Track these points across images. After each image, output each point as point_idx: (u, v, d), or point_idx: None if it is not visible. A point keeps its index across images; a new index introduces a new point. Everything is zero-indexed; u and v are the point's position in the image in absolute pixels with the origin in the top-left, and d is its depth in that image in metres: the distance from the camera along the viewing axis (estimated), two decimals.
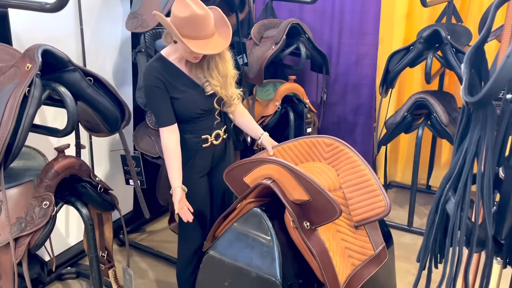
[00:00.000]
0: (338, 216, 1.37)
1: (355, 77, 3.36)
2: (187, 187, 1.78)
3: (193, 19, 1.58)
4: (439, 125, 2.60)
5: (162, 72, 1.72)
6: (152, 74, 1.72)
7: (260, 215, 1.42)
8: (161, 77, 1.71)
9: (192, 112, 1.77)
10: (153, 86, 1.71)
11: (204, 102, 1.79)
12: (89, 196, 1.72)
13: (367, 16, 3.19)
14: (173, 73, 1.74)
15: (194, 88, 1.77)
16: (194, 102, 1.76)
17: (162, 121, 1.75)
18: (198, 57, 1.70)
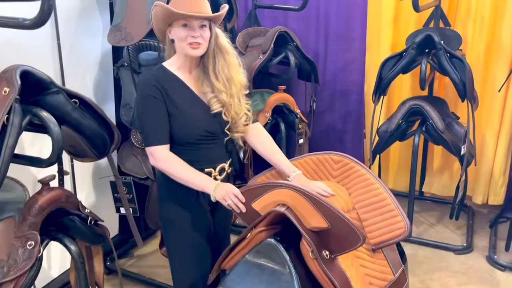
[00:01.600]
0: (362, 243, 1.26)
1: (343, 84, 3.28)
2: (185, 218, 1.59)
3: None
4: (435, 132, 2.54)
5: (160, 81, 1.50)
6: (147, 82, 1.50)
7: (275, 246, 1.29)
8: (159, 86, 1.49)
9: (194, 134, 1.53)
10: (148, 95, 1.48)
11: (209, 122, 1.55)
12: (78, 230, 1.56)
13: (353, 22, 3.12)
14: (173, 84, 1.52)
15: (198, 104, 1.55)
16: (197, 121, 1.53)
17: (153, 137, 1.49)
18: (195, 42, 1.45)
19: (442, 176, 3.24)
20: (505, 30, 2.74)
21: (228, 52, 1.56)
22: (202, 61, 1.55)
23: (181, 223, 1.61)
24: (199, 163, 1.55)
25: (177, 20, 1.46)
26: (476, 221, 3.01)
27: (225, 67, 1.55)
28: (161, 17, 1.48)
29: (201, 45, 1.48)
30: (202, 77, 1.57)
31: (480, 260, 2.60)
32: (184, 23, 1.46)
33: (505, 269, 2.49)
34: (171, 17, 1.46)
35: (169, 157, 1.50)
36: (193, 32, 1.46)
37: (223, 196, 1.45)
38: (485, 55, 2.87)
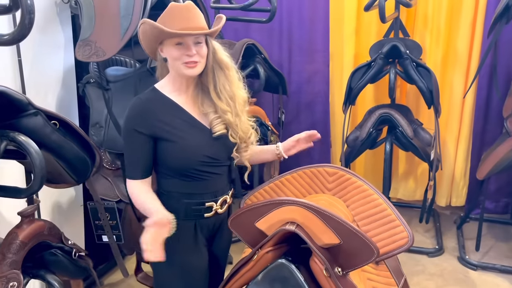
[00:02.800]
0: (376, 257, 1.23)
1: (308, 95, 3.31)
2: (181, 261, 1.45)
3: (173, 10, 1.35)
4: (405, 139, 2.60)
5: (150, 107, 1.38)
6: (135, 111, 1.38)
7: (287, 266, 1.23)
8: (147, 114, 1.37)
9: (193, 161, 1.39)
10: (132, 130, 1.36)
11: (211, 147, 1.42)
12: (60, 265, 1.42)
13: (316, 34, 3.17)
14: (167, 109, 1.40)
15: (197, 128, 1.42)
16: (195, 146, 1.40)
17: (129, 171, 1.41)
18: (190, 61, 1.35)
19: (407, 181, 3.33)
20: (461, 39, 2.88)
21: (228, 67, 1.45)
22: (200, 79, 1.44)
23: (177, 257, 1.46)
24: (200, 196, 1.44)
25: (169, 38, 1.35)
26: (441, 223, 3.12)
27: (226, 84, 1.44)
28: (150, 35, 1.37)
29: (198, 63, 1.36)
30: (201, 97, 1.45)
31: (453, 261, 2.69)
32: (178, 41, 1.35)
33: (477, 268, 2.59)
34: (161, 36, 1.35)
35: (135, 190, 1.40)
36: (188, 50, 1.35)
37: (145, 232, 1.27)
38: (442, 64, 3.01)
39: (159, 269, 1.50)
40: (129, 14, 1.81)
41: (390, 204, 1.50)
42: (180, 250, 1.45)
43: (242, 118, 1.48)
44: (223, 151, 1.47)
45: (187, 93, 1.45)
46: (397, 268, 1.54)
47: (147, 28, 1.36)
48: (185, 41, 1.35)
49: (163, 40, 1.37)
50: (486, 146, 2.98)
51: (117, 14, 1.86)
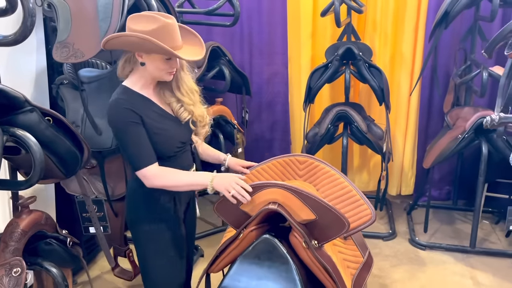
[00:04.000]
0: (348, 228, 1.42)
1: (269, 96, 3.50)
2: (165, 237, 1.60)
3: (166, 27, 1.43)
4: (360, 133, 2.84)
5: (132, 104, 1.49)
6: (122, 108, 1.47)
7: (272, 241, 1.40)
8: (134, 109, 1.48)
9: (173, 147, 1.56)
10: (128, 122, 1.46)
11: (181, 133, 1.60)
12: (55, 254, 1.50)
13: (275, 37, 3.37)
14: (144, 104, 1.53)
15: (169, 119, 1.58)
16: (173, 134, 1.57)
17: (143, 159, 1.48)
18: (173, 71, 1.52)
19: (361, 174, 3.60)
20: (406, 42, 3.18)
21: (184, 66, 1.61)
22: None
23: (161, 238, 1.61)
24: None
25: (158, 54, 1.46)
26: (393, 210, 3.40)
27: (185, 79, 1.60)
28: (141, 48, 1.45)
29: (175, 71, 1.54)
30: (161, 89, 1.60)
31: (405, 243, 2.96)
32: (168, 57, 1.48)
33: (425, 248, 2.87)
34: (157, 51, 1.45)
35: (161, 171, 1.51)
36: (174, 63, 1.50)
37: (226, 187, 1.46)
38: (390, 65, 3.29)
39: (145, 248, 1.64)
40: (107, 17, 1.90)
41: (354, 186, 1.70)
42: (164, 225, 1.60)
43: (199, 105, 1.65)
44: (188, 134, 1.66)
45: (151, 88, 1.58)
46: (362, 243, 1.74)
47: (143, 43, 1.42)
48: (174, 58, 1.49)
49: (152, 52, 1.47)
50: (430, 139, 3.30)
51: (95, 17, 1.94)
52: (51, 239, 1.45)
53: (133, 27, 1.45)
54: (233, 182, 1.47)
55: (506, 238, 2.97)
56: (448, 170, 3.48)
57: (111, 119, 1.51)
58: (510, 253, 2.77)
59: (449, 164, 3.41)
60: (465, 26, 3.07)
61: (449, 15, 2.53)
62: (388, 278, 2.60)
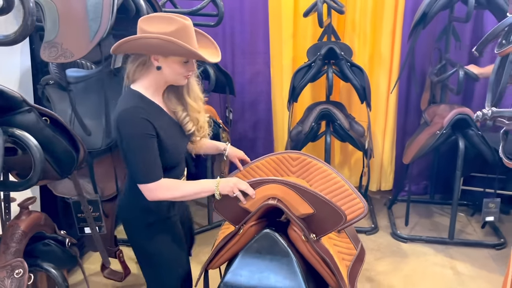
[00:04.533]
0: (344, 221, 1.47)
1: (251, 95, 3.54)
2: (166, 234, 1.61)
3: (185, 28, 1.40)
4: (343, 131, 2.92)
5: (148, 113, 1.43)
6: (139, 118, 1.40)
7: (272, 235, 1.43)
8: (149, 119, 1.42)
9: (178, 157, 1.56)
10: (145, 134, 1.41)
11: (183, 144, 1.59)
12: (52, 255, 1.49)
13: (257, 38, 3.41)
14: (155, 113, 1.48)
15: (175, 129, 1.56)
16: (178, 146, 1.55)
17: (153, 174, 1.45)
18: (189, 75, 1.50)
19: (343, 170, 3.68)
20: (384, 42, 3.28)
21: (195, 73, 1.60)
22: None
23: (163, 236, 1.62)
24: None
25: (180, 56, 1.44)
26: (374, 205, 3.50)
27: (194, 85, 1.59)
28: (160, 50, 1.41)
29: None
30: (168, 95, 1.57)
31: (387, 237, 3.06)
32: (187, 60, 1.46)
33: (407, 241, 2.98)
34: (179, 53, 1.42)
35: (168, 184, 1.49)
36: (191, 66, 1.48)
37: (231, 188, 1.48)
38: (369, 64, 3.39)
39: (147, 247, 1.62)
40: (98, 17, 1.89)
41: (346, 180, 1.75)
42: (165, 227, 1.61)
43: (202, 113, 1.64)
44: (186, 143, 1.65)
45: (160, 94, 1.56)
46: (355, 236, 1.80)
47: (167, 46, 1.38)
48: (191, 60, 1.48)
49: (169, 55, 1.44)
50: (408, 136, 3.41)
51: (84, 17, 1.93)
52: (49, 240, 1.44)
53: (148, 29, 1.41)
54: (238, 184, 1.49)
55: (482, 229, 3.11)
56: (425, 166, 3.61)
57: (125, 128, 1.42)
58: (487, 243, 2.90)
59: (425, 160, 3.53)
60: (440, 27, 3.19)
61: (427, 16, 2.63)
62: (373, 271, 2.68)
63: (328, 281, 1.49)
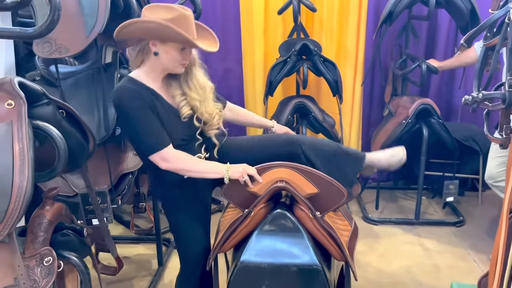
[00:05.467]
0: (346, 197, 1.62)
1: (224, 91, 3.62)
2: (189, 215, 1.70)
3: (185, 17, 1.49)
4: (317, 123, 3.07)
5: (140, 94, 1.54)
6: (129, 96, 1.51)
7: (285, 214, 1.55)
8: (141, 96, 1.53)
9: (174, 142, 1.59)
10: (138, 107, 1.51)
11: (183, 130, 1.63)
12: (70, 245, 1.51)
13: (229, 34, 3.51)
14: (151, 97, 1.57)
15: (173, 114, 1.62)
16: (174, 131, 1.60)
17: (159, 141, 1.53)
18: (186, 63, 1.58)
19: None
20: (349, 38, 3.49)
21: (196, 62, 1.70)
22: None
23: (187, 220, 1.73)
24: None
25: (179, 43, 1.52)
26: None
27: (196, 74, 1.68)
28: (158, 35, 1.49)
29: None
30: (167, 81, 1.64)
31: (359, 221, 3.26)
32: (183, 47, 1.54)
33: (378, 223, 3.20)
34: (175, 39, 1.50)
35: (179, 153, 1.57)
36: (188, 55, 1.57)
37: (240, 173, 1.58)
38: (336, 59, 3.56)
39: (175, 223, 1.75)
40: (94, 12, 1.91)
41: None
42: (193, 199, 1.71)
43: (208, 102, 1.70)
44: (190, 131, 1.67)
45: (159, 81, 1.63)
46: (348, 214, 1.95)
47: (164, 30, 1.46)
48: (189, 48, 1.57)
49: (167, 40, 1.52)
50: (373, 126, 3.66)
51: (78, 12, 1.94)
52: (67, 230, 1.47)
53: (150, 15, 1.50)
54: (247, 169, 1.59)
55: (443, 209, 3.41)
56: None
57: (119, 105, 1.54)
58: (448, 222, 3.19)
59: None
60: (400, 25, 3.44)
61: (393, 14, 2.85)
62: None
63: (333, 254, 1.63)
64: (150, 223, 3.12)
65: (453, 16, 2.98)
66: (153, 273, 2.54)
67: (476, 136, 3.35)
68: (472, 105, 1.52)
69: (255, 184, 1.62)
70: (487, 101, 1.49)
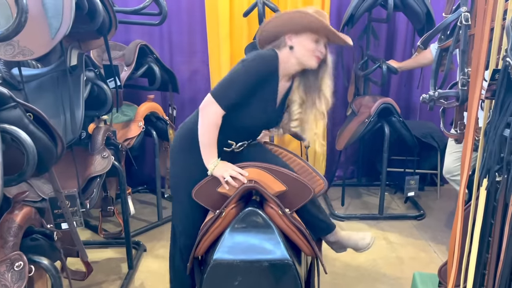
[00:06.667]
0: (313, 194, 1.68)
1: (191, 92, 3.64)
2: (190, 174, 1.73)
3: (322, 13, 1.60)
4: None
5: (268, 71, 1.63)
6: (268, 63, 1.62)
7: (256, 211, 1.59)
8: (269, 72, 1.63)
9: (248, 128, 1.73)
10: (258, 71, 1.60)
11: (266, 125, 1.77)
12: (39, 250, 1.49)
13: (195, 36, 3.53)
14: (272, 77, 1.65)
15: (271, 111, 1.71)
16: (257, 123, 1.72)
17: (223, 96, 1.60)
18: (320, 56, 1.64)
19: None
20: None
21: (329, 73, 1.74)
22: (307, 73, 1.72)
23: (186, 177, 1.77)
24: (229, 137, 1.73)
25: (313, 33, 1.60)
26: None
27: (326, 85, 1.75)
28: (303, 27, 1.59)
29: (321, 59, 1.66)
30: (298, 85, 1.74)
31: None
32: (317, 39, 1.61)
33: (344, 219, 3.30)
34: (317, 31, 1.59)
35: (212, 119, 1.62)
36: (321, 47, 1.63)
37: (222, 173, 1.63)
38: None
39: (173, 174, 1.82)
40: (59, 14, 1.89)
41: (305, 161, 1.97)
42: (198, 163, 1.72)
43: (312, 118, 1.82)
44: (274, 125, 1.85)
45: (286, 80, 1.72)
46: None
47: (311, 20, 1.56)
48: (321, 40, 1.63)
49: (302, 32, 1.61)
50: (337, 126, 3.76)
51: (42, 14, 1.91)
52: (37, 234, 1.45)
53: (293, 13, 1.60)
54: (229, 169, 1.64)
55: (405, 204, 3.55)
56: (352, 152, 4.00)
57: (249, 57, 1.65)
58: (410, 216, 3.33)
59: (352, 147, 3.91)
60: (360, 27, 3.56)
61: (354, 17, 2.95)
62: None
63: (303, 249, 1.69)
64: (118, 227, 3.10)
65: (410, 19, 3.12)
66: (123, 277, 2.52)
67: (434, 133, 3.52)
68: (429, 103, 1.61)
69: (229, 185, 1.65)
70: (442, 99, 1.59)
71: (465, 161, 1.31)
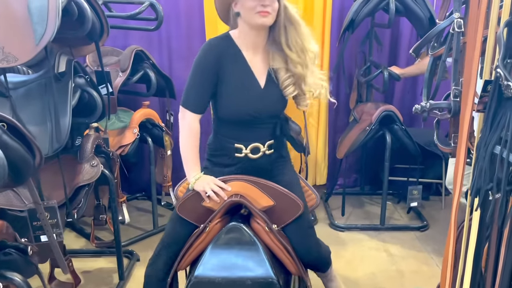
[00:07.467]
0: (302, 210, 1.60)
1: None
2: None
3: None
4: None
5: (222, 52, 1.53)
6: (206, 50, 1.56)
7: (239, 227, 1.52)
8: (218, 57, 1.53)
9: (238, 115, 1.59)
10: (202, 62, 1.55)
11: (257, 106, 1.57)
12: (13, 265, 1.43)
13: (194, 42, 3.46)
14: (233, 58, 1.55)
15: (251, 86, 1.57)
16: (243, 104, 1.57)
17: (187, 100, 1.60)
18: (265, 10, 1.45)
19: None
20: None
21: (299, 22, 1.58)
22: (272, 35, 1.55)
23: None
24: (233, 138, 1.64)
25: None
26: None
27: (298, 38, 1.56)
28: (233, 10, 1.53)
29: (270, 14, 1.48)
30: (272, 53, 1.58)
31: (325, 228, 3.27)
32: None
33: (344, 229, 3.21)
34: None
35: (188, 126, 1.60)
36: (264, 1, 1.46)
37: (203, 187, 1.57)
38: None
39: None
40: (43, 20, 1.84)
41: (299, 175, 1.89)
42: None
43: (313, 70, 1.64)
44: (271, 109, 1.65)
45: (255, 49, 1.59)
46: None
47: None
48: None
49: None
50: (339, 133, 3.67)
51: (27, 20, 1.87)
52: (10, 248, 1.40)
53: None
54: (210, 183, 1.58)
55: (408, 214, 3.45)
56: (354, 160, 3.90)
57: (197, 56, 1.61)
58: (412, 227, 3.22)
59: (354, 155, 3.82)
60: (363, 32, 3.48)
61: (355, 22, 2.87)
62: None
63: (289, 268, 1.61)
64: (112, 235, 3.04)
65: (413, 24, 3.03)
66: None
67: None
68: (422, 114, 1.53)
69: (211, 200, 1.59)
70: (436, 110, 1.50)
71: (457, 178, 1.22)
